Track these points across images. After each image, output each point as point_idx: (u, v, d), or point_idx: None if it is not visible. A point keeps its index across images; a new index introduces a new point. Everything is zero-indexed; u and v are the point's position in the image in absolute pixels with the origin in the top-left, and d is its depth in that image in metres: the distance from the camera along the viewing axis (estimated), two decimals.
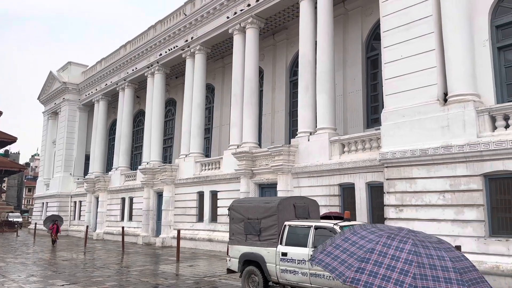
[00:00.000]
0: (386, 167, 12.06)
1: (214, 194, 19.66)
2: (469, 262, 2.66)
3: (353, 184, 13.54)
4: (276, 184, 15.95)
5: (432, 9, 11.58)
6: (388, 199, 11.89)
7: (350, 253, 2.46)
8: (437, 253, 2.48)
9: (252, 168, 17.31)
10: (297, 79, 17.16)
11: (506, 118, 10.13)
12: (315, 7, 16.03)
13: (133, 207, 26.17)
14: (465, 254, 9.46)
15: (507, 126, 10.09)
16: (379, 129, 12.60)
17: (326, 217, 9.85)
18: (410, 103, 11.65)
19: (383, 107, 12.49)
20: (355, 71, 17.05)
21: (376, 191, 13.01)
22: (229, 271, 9.86)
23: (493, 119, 10.30)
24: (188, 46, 22.66)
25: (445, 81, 11.27)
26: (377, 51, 16.25)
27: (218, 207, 19.07)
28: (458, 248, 8.28)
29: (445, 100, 11.12)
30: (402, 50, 12.00)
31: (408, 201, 11.32)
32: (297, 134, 16.03)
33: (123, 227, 21.07)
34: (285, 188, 15.57)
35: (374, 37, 16.64)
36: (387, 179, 11.99)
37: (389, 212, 11.73)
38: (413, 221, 11.07)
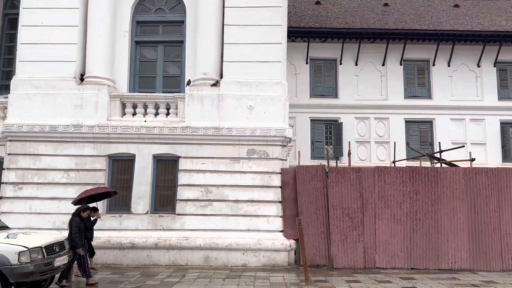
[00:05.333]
0: (10, 140, 10.80)
1: None
2: None
3: None
4: None
5: None
6: (7, 176, 10.67)
7: None
8: None
9: None
10: None
11: (134, 107, 11.22)
12: None
13: None
14: None
15: (134, 114, 11.18)
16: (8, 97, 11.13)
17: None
18: (45, 75, 10.92)
19: None
20: None
21: None
22: None
23: (124, 106, 11.19)
24: None
25: (85, 61, 11.27)
26: (18, 10, 14.27)
27: None
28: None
29: (82, 80, 11.14)
30: (44, 17, 11.08)
31: (30, 178, 10.57)
32: None
33: None
34: None
35: None
36: (9, 154, 10.77)
37: (7, 191, 10.56)
38: (32, 200, 10.44)
